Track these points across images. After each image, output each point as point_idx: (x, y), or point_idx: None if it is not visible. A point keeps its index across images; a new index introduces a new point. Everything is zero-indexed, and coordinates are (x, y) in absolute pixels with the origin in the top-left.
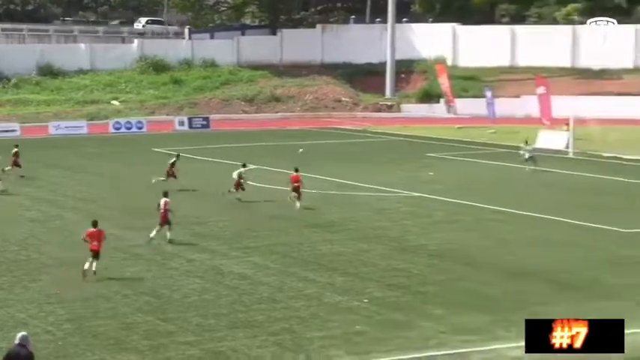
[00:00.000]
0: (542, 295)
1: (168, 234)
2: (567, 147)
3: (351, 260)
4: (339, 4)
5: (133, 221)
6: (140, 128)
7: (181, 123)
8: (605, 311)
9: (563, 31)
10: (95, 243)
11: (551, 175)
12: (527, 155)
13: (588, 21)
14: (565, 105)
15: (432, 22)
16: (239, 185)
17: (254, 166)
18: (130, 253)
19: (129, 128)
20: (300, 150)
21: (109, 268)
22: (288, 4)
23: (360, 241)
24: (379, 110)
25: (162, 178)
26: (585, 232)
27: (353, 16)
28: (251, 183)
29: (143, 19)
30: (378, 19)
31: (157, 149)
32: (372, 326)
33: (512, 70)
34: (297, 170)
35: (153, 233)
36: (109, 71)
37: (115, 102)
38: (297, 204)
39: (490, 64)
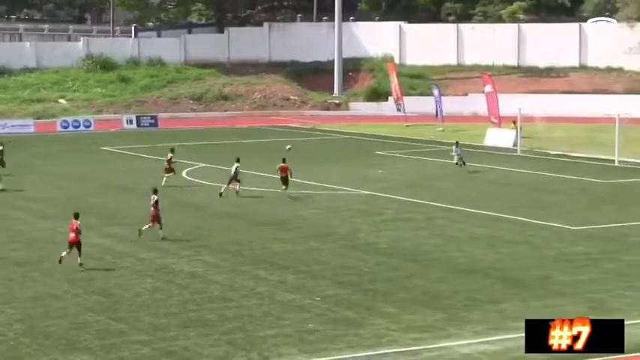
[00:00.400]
0: (493, 293)
1: (160, 232)
2: (515, 145)
3: (302, 258)
4: (285, 3)
5: (81, 220)
6: (88, 127)
7: (129, 121)
8: (556, 308)
9: (509, 29)
10: (72, 235)
11: (499, 173)
12: (456, 158)
13: (589, 20)
14: (512, 103)
15: (379, 20)
16: (234, 179)
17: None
18: None
19: (76, 127)
20: (288, 147)
21: (58, 267)
22: (235, 2)
23: (311, 240)
24: (327, 108)
25: (167, 175)
26: (535, 230)
27: (300, 15)
28: (199, 181)
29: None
30: (324, 18)
31: (105, 148)
32: (324, 324)
33: (458, 68)
34: (284, 161)
35: (160, 233)
36: (56, 69)
37: (62, 100)
38: (284, 188)
39: (437, 63)
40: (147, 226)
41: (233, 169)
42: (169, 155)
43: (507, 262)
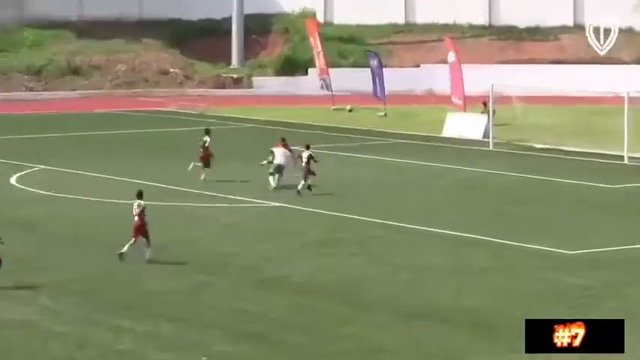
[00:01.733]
0: (453, 344)
1: (146, 252)
2: (486, 136)
3: (184, 300)
4: None
5: None
6: None
7: None
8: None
9: None
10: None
11: (464, 176)
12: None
13: None
14: (481, 77)
15: None
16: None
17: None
18: None
19: None
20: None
21: None
22: None
23: (199, 273)
24: (222, 86)
25: (199, 164)
26: (513, 254)
27: None
28: (33, 190)
29: None
30: None
31: None
32: None
33: (407, 28)
34: (283, 140)
35: (146, 253)
36: None
37: None
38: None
39: (377, 22)
40: (130, 243)
41: (304, 159)
42: (205, 138)
43: (474, 301)
